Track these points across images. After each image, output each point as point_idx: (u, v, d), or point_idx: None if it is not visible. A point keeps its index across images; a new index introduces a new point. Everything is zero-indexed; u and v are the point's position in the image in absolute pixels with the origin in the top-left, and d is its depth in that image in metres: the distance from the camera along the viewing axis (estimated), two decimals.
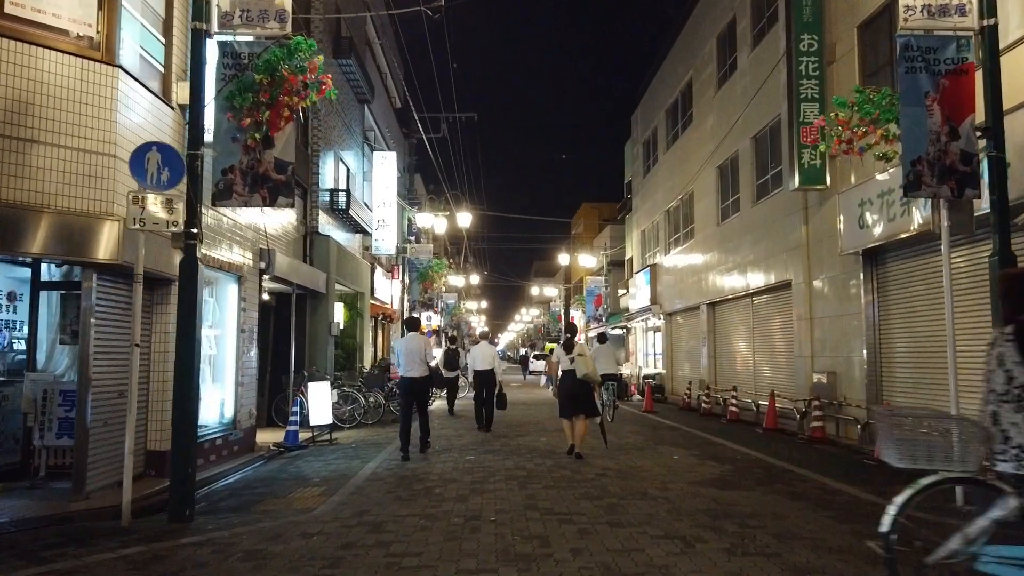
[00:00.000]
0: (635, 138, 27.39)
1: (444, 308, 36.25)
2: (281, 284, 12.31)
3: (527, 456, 9.31)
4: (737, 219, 15.83)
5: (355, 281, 17.51)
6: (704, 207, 18.25)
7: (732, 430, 12.80)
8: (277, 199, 6.16)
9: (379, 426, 13.63)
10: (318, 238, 14.59)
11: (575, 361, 9.15)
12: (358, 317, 18.36)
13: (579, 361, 9.11)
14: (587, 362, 9.17)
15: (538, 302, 66.75)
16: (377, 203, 19.15)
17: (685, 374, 21.06)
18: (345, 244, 17.33)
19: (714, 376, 17.81)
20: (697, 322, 19.47)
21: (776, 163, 13.81)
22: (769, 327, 14.63)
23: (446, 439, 11.30)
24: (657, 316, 22.93)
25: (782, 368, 13.94)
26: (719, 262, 17.02)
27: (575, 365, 9.12)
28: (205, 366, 9.54)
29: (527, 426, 13.18)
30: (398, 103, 28.87)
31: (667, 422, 14.14)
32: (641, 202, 26.15)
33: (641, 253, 26.24)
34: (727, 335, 17.26)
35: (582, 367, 9.10)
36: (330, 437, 11.56)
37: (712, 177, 17.47)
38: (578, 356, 9.15)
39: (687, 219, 20.21)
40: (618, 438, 11.23)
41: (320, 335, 14.43)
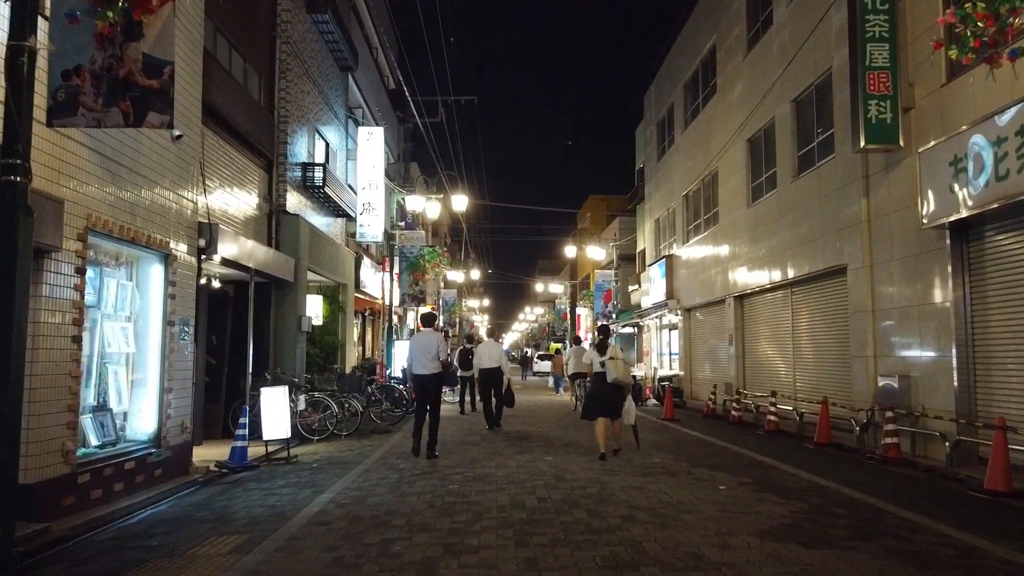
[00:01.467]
0: (648, 119, 25.25)
1: (443, 305, 34.17)
2: (234, 269, 10.24)
3: (528, 485, 7.19)
4: (773, 198, 13.69)
5: (335, 271, 15.43)
6: (731, 188, 16.12)
7: (776, 445, 10.66)
8: (146, 116, 4.08)
9: (355, 438, 11.54)
10: (286, 218, 12.52)
11: (607, 364, 8.89)
12: (340, 312, 16.29)
13: (610, 364, 8.82)
14: (618, 365, 8.95)
15: (542, 301, 64.63)
16: (362, 184, 17.08)
17: (706, 376, 18.92)
18: (324, 229, 15.27)
19: (742, 379, 15.67)
20: (721, 318, 17.33)
21: (825, 126, 11.68)
22: (813, 322, 12.49)
23: (441, 444, 9.21)
24: (674, 312, 20.79)
25: (831, 370, 11.80)
26: (749, 249, 14.88)
27: (607, 368, 8.88)
28: (117, 367, 7.49)
29: (530, 440, 11.06)
30: (392, 84, 26.85)
31: (694, 433, 12.01)
32: (655, 189, 24.01)
33: (655, 244, 24.10)
34: (758, 332, 15.12)
35: (613, 371, 8.87)
36: (287, 454, 9.48)
37: (741, 152, 15.33)
38: (610, 359, 8.86)
39: (709, 203, 18.07)
40: (642, 456, 9.10)
41: (288, 331, 12.35)
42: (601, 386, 9.04)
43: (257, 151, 11.74)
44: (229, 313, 11.69)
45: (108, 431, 7.22)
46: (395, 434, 11.98)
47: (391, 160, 24.22)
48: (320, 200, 14.68)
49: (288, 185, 12.66)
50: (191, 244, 8.53)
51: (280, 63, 12.56)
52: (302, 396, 11.44)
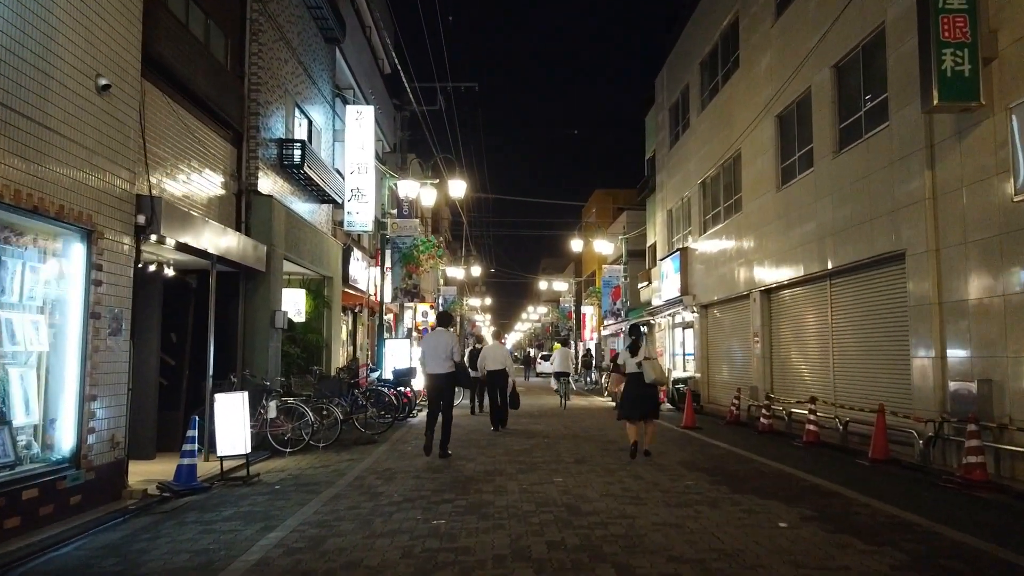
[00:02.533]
0: (659, 104, 23.72)
1: (442, 303, 32.68)
2: (191, 255, 8.75)
3: (535, 520, 5.68)
4: (808, 179, 12.16)
5: (319, 262, 13.94)
6: (756, 171, 14.59)
7: (822, 461, 9.14)
8: None
9: (333, 450, 10.05)
10: (258, 200, 11.02)
11: (643, 365, 8.93)
12: (325, 307, 14.79)
13: (647, 365, 8.92)
14: (655, 366, 9.05)
15: (546, 300, 63.11)
16: (350, 168, 15.58)
17: (724, 378, 17.41)
18: (308, 217, 13.78)
19: (769, 382, 14.14)
20: (744, 315, 15.81)
21: (875, 92, 10.15)
22: (858, 317, 10.96)
23: (427, 466, 7.71)
24: (689, 309, 19.26)
25: (880, 373, 10.28)
26: (778, 237, 13.35)
27: (643, 369, 8.92)
28: (24, 369, 6.02)
29: (535, 453, 9.54)
30: (388, 68, 25.36)
31: (722, 445, 10.48)
32: (667, 177, 22.48)
33: (667, 237, 22.57)
34: (789, 330, 13.59)
35: (651, 372, 8.92)
36: (247, 472, 7.97)
37: (769, 130, 13.80)
38: (646, 360, 8.95)
39: (730, 189, 16.54)
40: (670, 476, 7.58)
41: (259, 328, 10.85)
42: (637, 388, 9.01)
43: (222, 121, 10.25)
44: (191, 307, 10.19)
45: (5, 450, 5.74)
46: (380, 446, 10.48)
47: (386, 149, 22.73)
48: (301, 183, 13.19)
49: (261, 163, 11.17)
50: (125, 221, 7.03)
51: (251, 23, 11.07)
52: (272, 402, 9.96)
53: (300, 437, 10.13)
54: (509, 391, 12.91)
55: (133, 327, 8.60)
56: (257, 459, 9.56)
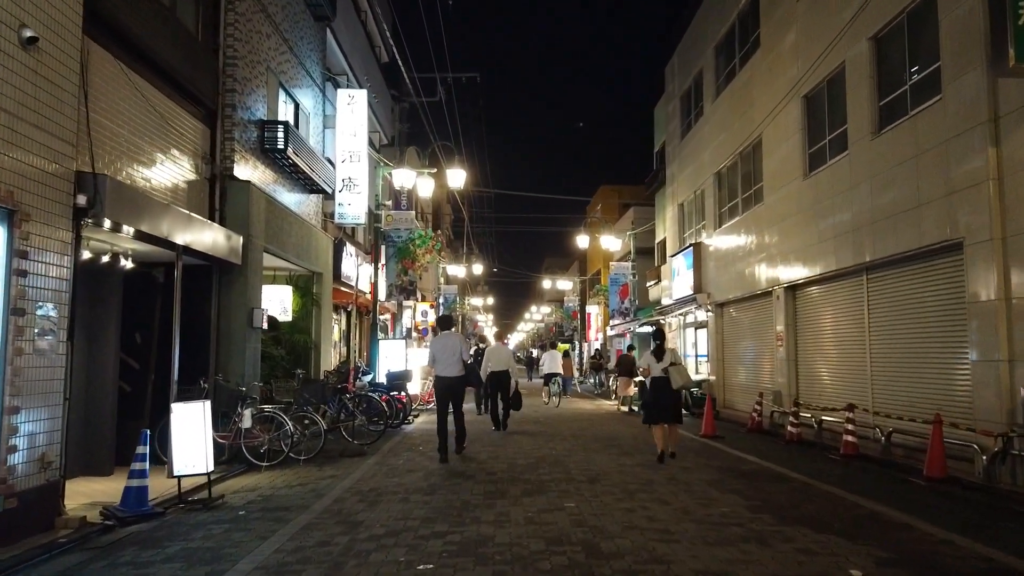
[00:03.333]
0: (670, 93, 22.62)
1: (443, 302, 31.62)
2: (149, 244, 7.69)
3: (545, 566, 4.59)
4: (842, 163, 11.05)
5: (307, 256, 12.88)
6: (780, 158, 13.48)
7: (870, 479, 8.04)
8: None
9: (316, 463, 8.99)
10: (234, 186, 9.96)
11: (670, 371, 8.94)
12: (314, 306, 13.74)
13: (673, 371, 8.95)
14: (682, 371, 9.11)
15: (549, 300, 61.99)
16: (341, 156, 14.51)
17: (741, 381, 16.31)
18: (296, 208, 12.74)
19: (794, 386, 13.04)
20: (764, 314, 14.71)
21: (924, 62, 9.05)
22: (901, 315, 9.86)
23: (418, 485, 6.60)
24: (704, 308, 18.16)
25: (930, 378, 9.18)
26: (806, 228, 12.25)
27: (670, 374, 8.93)
28: None
29: (541, 469, 8.44)
30: (385, 57, 24.30)
31: (750, 459, 9.37)
32: (678, 170, 21.38)
33: (678, 233, 21.46)
34: (817, 330, 12.48)
35: (678, 378, 8.97)
36: (208, 493, 6.90)
37: (795, 113, 12.70)
38: (671, 365, 8.99)
39: (749, 179, 15.44)
40: (702, 501, 6.47)
41: (235, 327, 9.78)
42: (662, 392, 9.00)
43: (192, 97, 9.19)
44: (157, 304, 9.14)
45: None
46: (369, 459, 9.40)
47: (384, 142, 21.66)
48: (286, 171, 12.12)
49: (238, 145, 10.10)
50: (61, 201, 5.97)
51: None
52: (248, 411, 8.89)
53: (280, 448, 9.07)
54: (511, 392, 12.78)
55: (82, 326, 7.56)
56: (231, 474, 8.52)
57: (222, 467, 8.74)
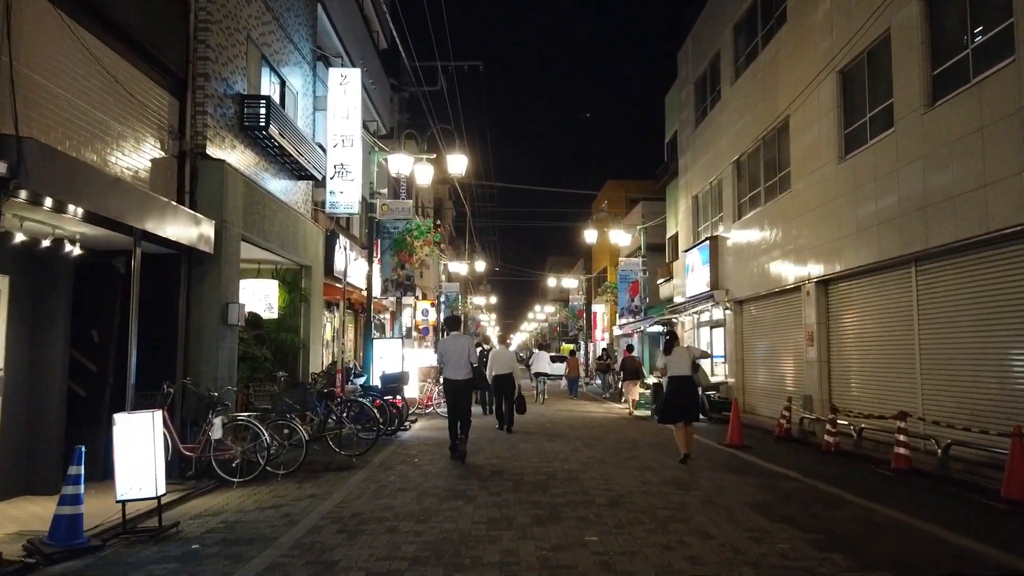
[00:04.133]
0: (682, 79, 21.48)
1: (444, 300, 30.53)
2: (102, 227, 6.61)
3: None
4: (888, 142, 9.92)
5: (294, 248, 11.79)
6: (810, 140, 12.35)
7: (937, 502, 6.91)
8: None
9: (296, 479, 7.90)
10: (206, 165, 8.86)
11: (696, 369, 9.08)
12: (303, 302, 12.65)
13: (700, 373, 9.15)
14: (704, 373, 9.42)
15: (553, 299, 60.89)
16: (333, 141, 13.41)
17: (764, 384, 15.19)
18: (281, 195, 11.66)
19: (826, 390, 11.91)
20: (789, 311, 13.59)
21: (990, 21, 7.92)
22: (960, 310, 8.73)
23: (409, 510, 5.49)
24: (722, 305, 17.03)
25: (996, 384, 8.04)
26: (842, 216, 11.13)
27: (698, 377, 9.10)
28: None
29: (554, 488, 7.31)
30: (384, 43, 23.21)
31: (792, 475, 8.23)
32: (692, 160, 20.24)
33: (692, 226, 20.32)
34: (854, 327, 11.35)
35: (702, 378, 9.28)
36: (159, 521, 5.80)
37: (828, 90, 11.57)
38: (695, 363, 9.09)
39: (773, 166, 14.31)
40: (750, 535, 5.33)
41: (207, 324, 8.69)
42: (678, 392, 9.00)
43: (156, 62, 8.09)
44: (118, 298, 8.04)
45: None
46: (357, 473, 8.30)
47: (382, 131, 20.55)
48: (271, 153, 11.04)
49: (211, 120, 9.00)
50: None
51: None
52: (219, 419, 7.79)
53: (256, 461, 7.98)
54: (516, 396, 12.61)
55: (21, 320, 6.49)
56: (198, 492, 7.44)
57: (189, 484, 7.68)
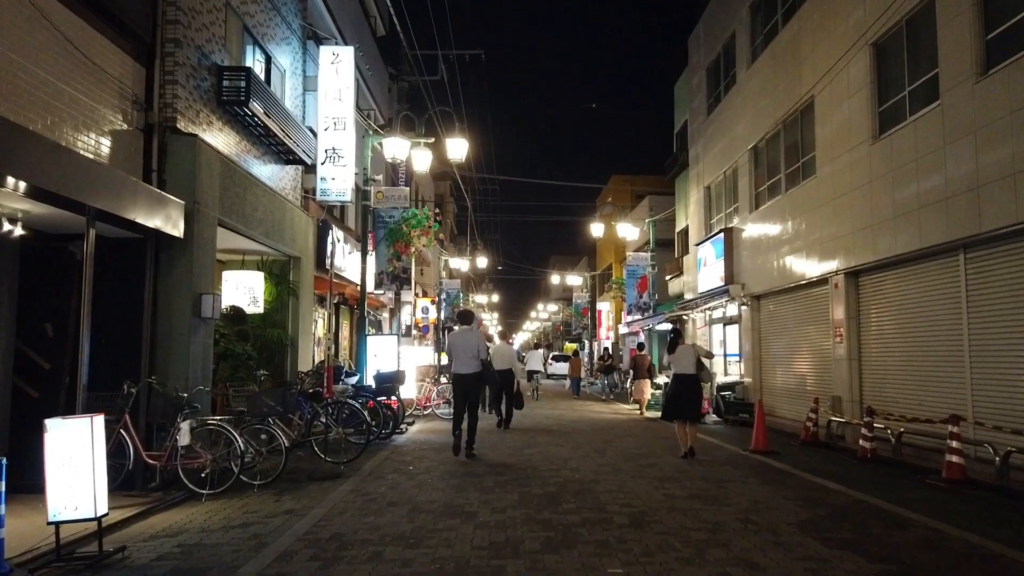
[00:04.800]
0: (693, 66, 20.56)
1: (445, 297, 29.64)
2: (47, 204, 5.73)
3: None
4: (931, 117, 9.01)
5: (279, 236, 10.91)
6: (839, 120, 11.43)
7: (1011, 519, 5.99)
8: None
9: (274, 490, 7.02)
10: (177, 141, 7.97)
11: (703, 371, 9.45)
12: (291, 296, 11.77)
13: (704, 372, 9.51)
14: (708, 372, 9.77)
15: (556, 298, 59.98)
16: (324, 124, 12.53)
17: (782, 383, 14.27)
18: (268, 181, 10.78)
19: (857, 390, 10.99)
20: (815, 305, 12.68)
21: None
22: (1015, 303, 7.80)
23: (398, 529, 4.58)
24: (738, 301, 16.10)
25: None
26: (876, 201, 10.22)
27: (703, 375, 9.45)
28: None
29: (564, 503, 6.40)
30: (382, 29, 22.33)
31: (830, 485, 7.32)
32: (703, 150, 19.33)
33: (704, 219, 19.40)
34: (889, 322, 10.43)
35: (707, 377, 9.75)
36: (98, 546, 4.91)
37: (862, 65, 10.65)
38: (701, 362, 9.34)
39: (795, 151, 13.39)
40: (807, 566, 4.41)
41: (177, 317, 7.79)
42: (681, 389, 9.18)
43: (116, 23, 7.19)
44: (74, 287, 7.16)
45: None
46: (344, 483, 7.40)
47: (380, 122, 19.65)
48: (254, 133, 10.15)
49: (183, 91, 8.11)
50: None
51: None
52: (186, 423, 6.90)
53: (228, 470, 7.09)
54: (514, 391, 12.55)
55: None
56: (162, 505, 6.57)
57: (155, 496, 6.80)
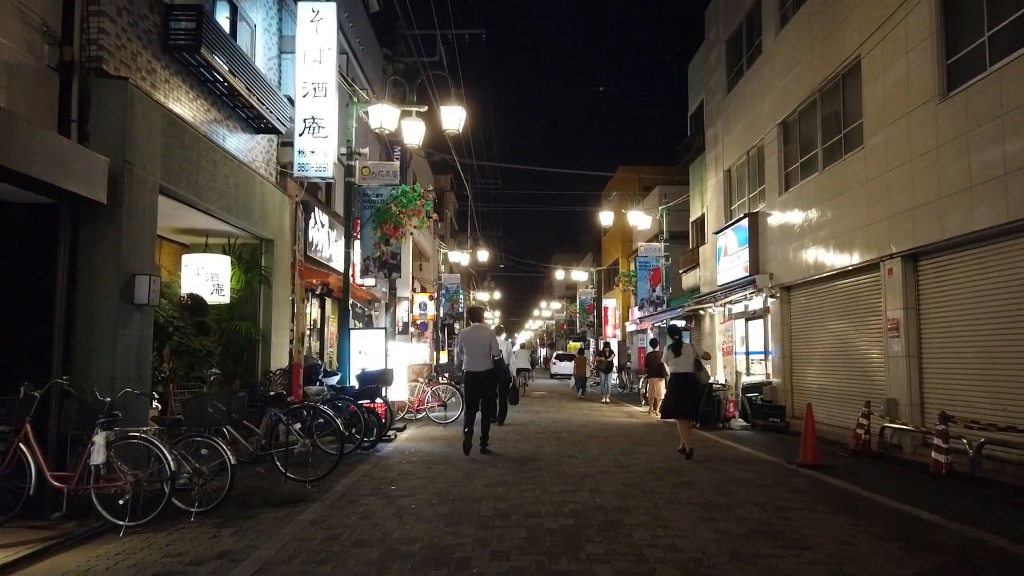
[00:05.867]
0: (711, 41, 19.02)
1: (444, 293, 28.17)
2: None
3: None
4: (1019, 64, 7.47)
5: (246, 214, 9.41)
6: (893, 81, 9.90)
7: None
8: None
9: (213, 521, 5.51)
10: (101, 85, 6.45)
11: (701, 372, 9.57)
12: (261, 284, 10.27)
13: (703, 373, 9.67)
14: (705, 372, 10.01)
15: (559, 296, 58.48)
16: (303, 89, 11.01)
17: (817, 385, 12.75)
18: (234, 151, 9.29)
19: (917, 393, 9.46)
20: (858, 296, 11.17)
21: None
22: None
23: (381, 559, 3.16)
24: (765, 293, 14.56)
25: None
26: (943, 170, 8.69)
27: (700, 375, 9.55)
28: None
29: (586, 546, 4.87)
30: (375, 5, 20.82)
31: (923, 515, 5.80)
32: (723, 130, 17.79)
33: (724, 205, 17.86)
34: (961, 313, 8.90)
35: (704, 377, 9.97)
36: None
37: (924, 13, 9.11)
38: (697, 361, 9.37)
39: (836, 121, 11.86)
40: None
41: (102, 303, 6.28)
42: (679, 387, 9.23)
43: None
44: None
45: None
46: (306, 510, 5.89)
47: None
48: (215, 92, 8.65)
49: (113, 26, 6.60)
50: None
51: None
52: (101, 436, 5.41)
53: (161, 491, 5.58)
54: (510, 386, 12.56)
55: None
56: (70, 541, 5.11)
57: (60, 530, 5.32)
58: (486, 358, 9.17)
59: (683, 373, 9.21)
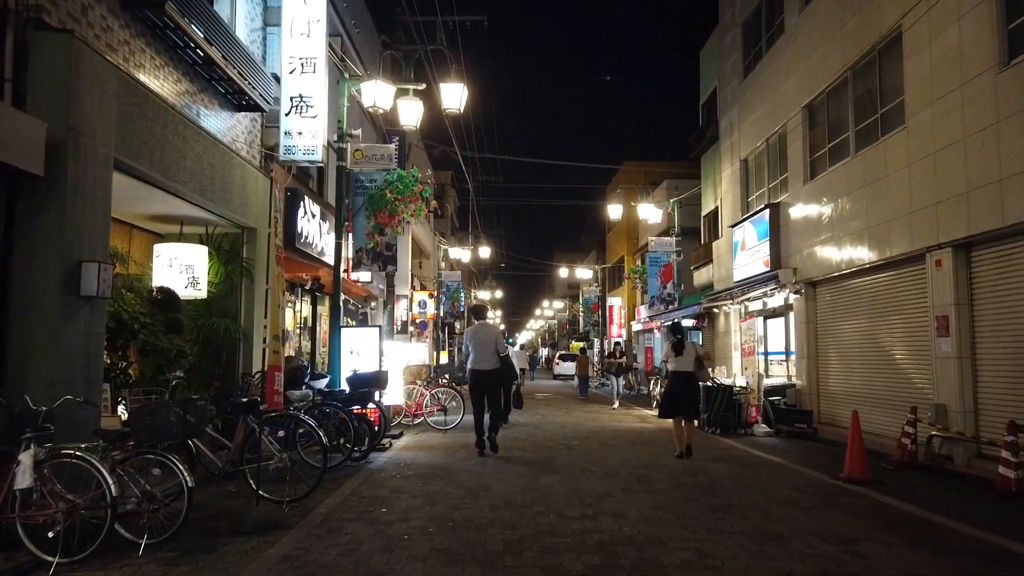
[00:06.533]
0: (725, 24, 18.06)
1: (444, 291, 27.24)
2: None
3: None
4: None
5: (222, 198, 8.47)
6: (942, 51, 8.95)
7: None
8: None
9: (167, 555, 4.55)
10: (41, 39, 5.48)
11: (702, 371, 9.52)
12: (242, 277, 9.33)
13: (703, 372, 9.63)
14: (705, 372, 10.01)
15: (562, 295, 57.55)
16: (290, 65, 10.06)
17: (847, 388, 11.82)
18: (209, 128, 8.34)
19: (970, 398, 8.50)
20: (896, 291, 10.22)
21: None
22: None
23: None
24: (788, 288, 13.60)
25: None
26: (1007, 146, 7.74)
27: (701, 374, 9.50)
28: None
29: None
30: None
31: (1015, 547, 4.85)
32: (739, 117, 16.84)
33: (741, 197, 16.90)
34: (1018, 309, 7.94)
35: (704, 376, 10.08)
36: None
37: None
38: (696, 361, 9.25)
39: (871, 100, 10.91)
40: None
41: (41, 294, 5.33)
42: (677, 387, 9.19)
43: None
44: None
45: None
46: (283, 539, 4.95)
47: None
48: (186, 60, 7.71)
49: None
50: None
51: None
52: (27, 454, 4.46)
53: (101, 519, 4.64)
54: (513, 390, 11.71)
55: None
56: None
57: None
58: (493, 356, 8.97)
59: (683, 372, 9.15)
